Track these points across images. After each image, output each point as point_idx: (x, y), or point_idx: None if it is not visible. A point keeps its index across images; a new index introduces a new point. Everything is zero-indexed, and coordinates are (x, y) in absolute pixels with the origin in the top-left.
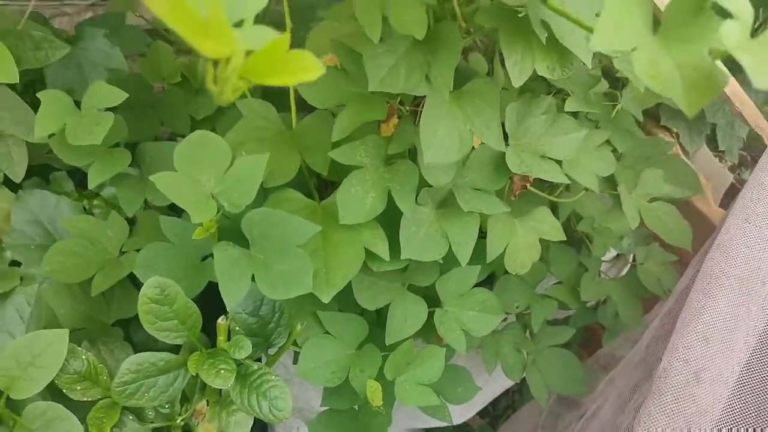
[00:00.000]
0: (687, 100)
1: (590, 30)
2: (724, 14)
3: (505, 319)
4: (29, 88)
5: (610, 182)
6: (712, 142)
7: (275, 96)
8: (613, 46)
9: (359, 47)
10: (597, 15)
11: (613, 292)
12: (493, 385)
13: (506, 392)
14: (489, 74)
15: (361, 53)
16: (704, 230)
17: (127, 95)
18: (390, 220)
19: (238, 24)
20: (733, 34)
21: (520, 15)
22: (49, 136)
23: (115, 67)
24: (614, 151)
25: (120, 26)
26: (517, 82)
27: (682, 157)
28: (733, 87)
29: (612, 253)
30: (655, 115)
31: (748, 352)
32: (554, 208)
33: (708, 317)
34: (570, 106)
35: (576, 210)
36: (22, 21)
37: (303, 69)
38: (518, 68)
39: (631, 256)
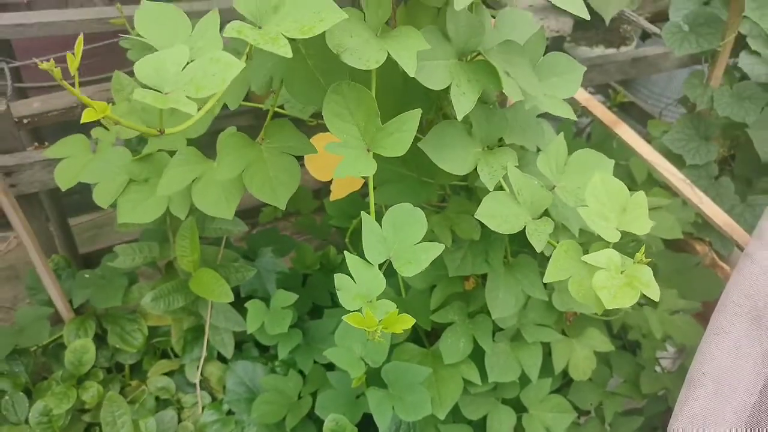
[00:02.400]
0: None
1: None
2: None
3: (587, 414)
4: None
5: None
6: None
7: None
8: None
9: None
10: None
11: (669, 383)
12: None
13: None
14: None
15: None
16: None
17: (297, 296)
18: (479, 355)
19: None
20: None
21: None
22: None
23: (280, 270)
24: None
25: (277, 238)
26: None
27: (718, 261)
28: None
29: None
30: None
31: None
32: (608, 321)
33: None
34: None
35: (625, 321)
36: (220, 255)
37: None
38: None
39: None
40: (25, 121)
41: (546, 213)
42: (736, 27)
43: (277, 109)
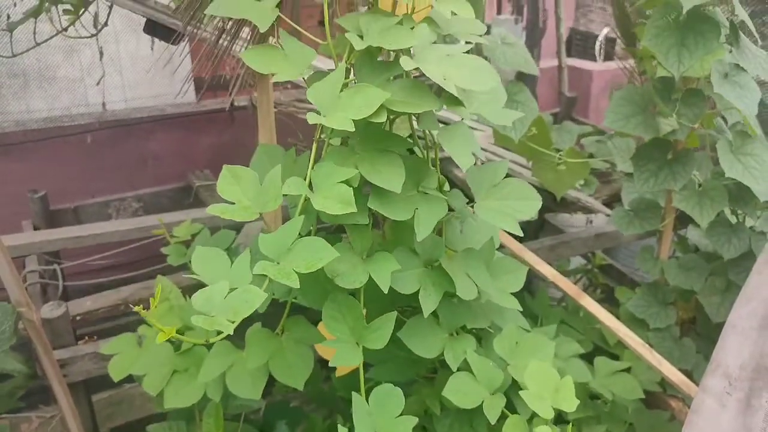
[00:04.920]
0: None
1: None
2: None
3: None
4: None
5: None
6: None
7: None
8: None
9: None
10: None
11: None
12: None
13: None
14: None
15: None
16: None
17: None
18: None
19: None
20: None
21: None
22: None
23: None
24: None
25: (289, 411)
26: None
27: None
28: None
29: None
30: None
31: None
32: None
33: None
34: None
35: None
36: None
37: None
38: None
39: None
40: (78, 318)
41: (500, 388)
42: (673, 211)
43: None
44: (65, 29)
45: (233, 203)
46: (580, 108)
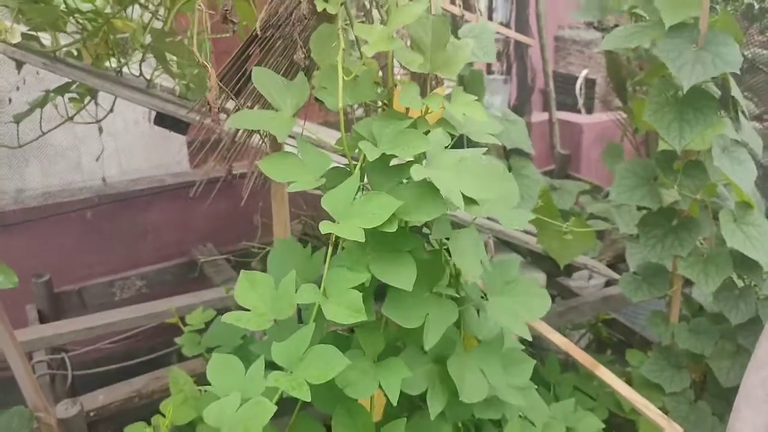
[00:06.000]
0: None
1: None
2: None
3: None
4: None
5: None
6: None
7: None
8: None
9: None
10: None
11: None
12: None
13: None
14: None
15: None
16: None
17: None
18: None
19: None
20: None
21: None
22: None
23: None
24: None
25: None
26: None
27: None
28: None
29: None
30: None
31: None
32: None
33: None
34: None
35: None
36: None
37: None
38: None
39: None
40: (92, 414)
41: None
42: (680, 276)
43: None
44: (71, 118)
45: (249, 310)
46: (573, 163)
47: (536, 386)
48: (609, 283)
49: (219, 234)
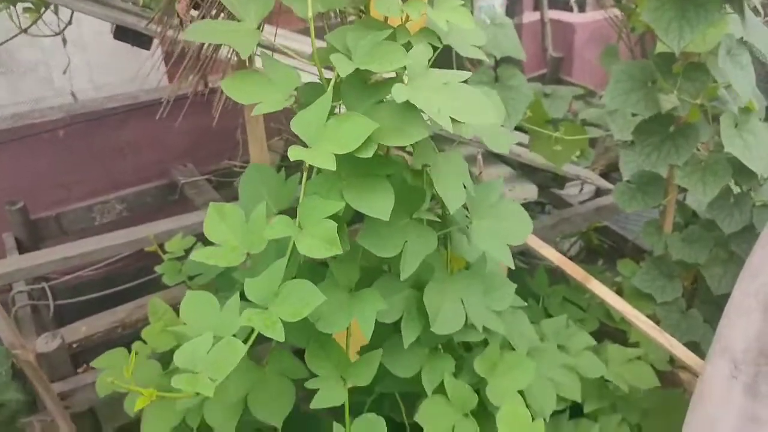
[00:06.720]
0: None
1: None
2: None
3: None
4: None
5: None
6: None
7: None
8: None
9: None
10: None
11: None
12: None
13: None
14: None
15: None
16: None
17: None
18: None
19: None
20: None
21: None
22: None
23: None
24: None
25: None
26: None
27: None
28: None
29: None
30: None
31: None
32: None
33: None
34: None
35: None
36: None
37: None
38: None
39: None
40: (74, 345)
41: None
42: (675, 188)
43: None
44: (26, 29)
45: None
46: (565, 65)
47: (526, 300)
48: (599, 191)
49: (199, 152)
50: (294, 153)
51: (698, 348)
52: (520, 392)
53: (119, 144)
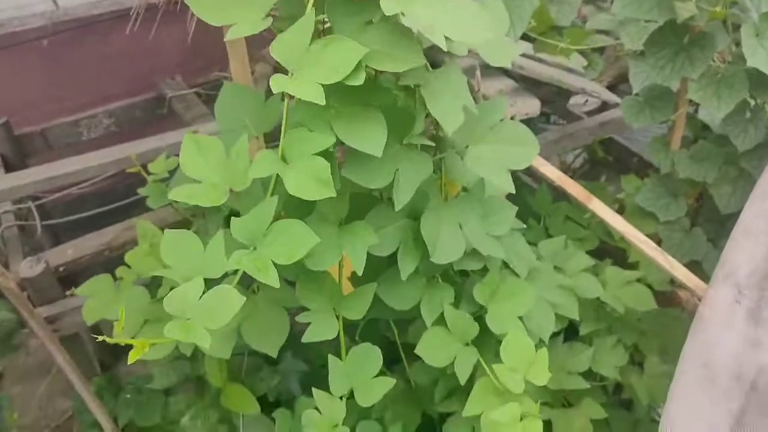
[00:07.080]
0: None
1: None
2: None
3: None
4: None
5: None
6: None
7: None
8: None
9: None
10: None
11: None
12: None
13: None
14: None
15: None
16: None
17: None
18: None
19: None
20: None
21: None
22: None
23: (300, 370)
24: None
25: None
26: None
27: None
28: None
29: None
30: None
31: None
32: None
33: None
34: None
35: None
36: (244, 365)
37: None
38: None
39: None
40: (61, 269)
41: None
42: (686, 102)
43: None
44: None
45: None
46: None
47: (527, 220)
48: (605, 104)
49: (189, 63)
50: (276, 83)
51: (700, 267)
52: (520, 318)
53: (105, 55)
